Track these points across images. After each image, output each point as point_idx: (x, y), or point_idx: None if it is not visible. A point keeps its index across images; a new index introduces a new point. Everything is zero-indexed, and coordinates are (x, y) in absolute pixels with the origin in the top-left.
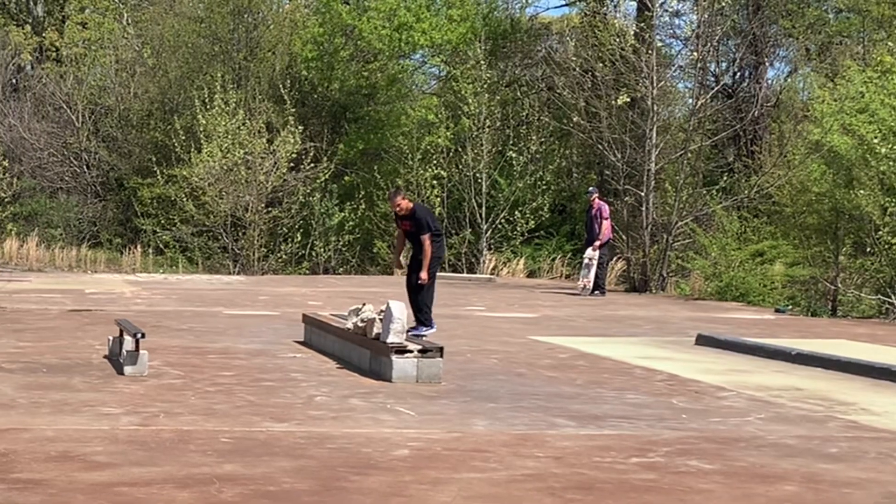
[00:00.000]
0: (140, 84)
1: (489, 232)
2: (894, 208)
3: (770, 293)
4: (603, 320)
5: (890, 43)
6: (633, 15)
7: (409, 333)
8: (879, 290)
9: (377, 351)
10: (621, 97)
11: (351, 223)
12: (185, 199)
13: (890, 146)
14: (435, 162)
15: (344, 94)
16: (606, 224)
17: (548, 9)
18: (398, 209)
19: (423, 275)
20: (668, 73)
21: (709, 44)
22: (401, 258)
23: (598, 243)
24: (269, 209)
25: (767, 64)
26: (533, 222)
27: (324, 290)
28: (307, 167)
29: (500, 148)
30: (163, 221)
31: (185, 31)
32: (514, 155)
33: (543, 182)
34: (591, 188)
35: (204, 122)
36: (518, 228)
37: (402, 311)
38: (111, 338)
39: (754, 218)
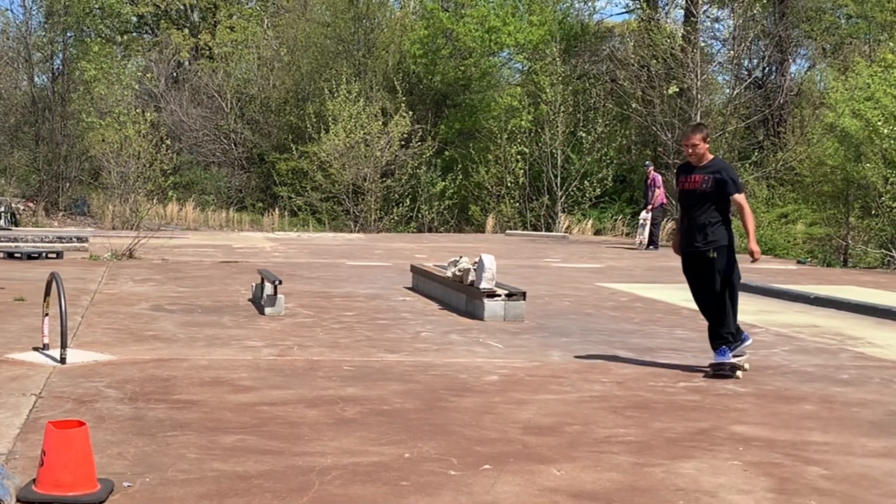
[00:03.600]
0: (278, 77)
1: (563, 198)
2: (895, 178)
3: (793, 248)
4: (656, 270)
5: (892, 43)
6: (680, 20)
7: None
8: (882, 245)
9: (472, 295)
10: (671, 87)
11: (450, 191)
12: (315, 171)
13: (891, 127)
14: (519, 140)
15: (444, 85)
16: (659, 191)
17: (611, 15)
18: (691, 152)
19: (754, 247)
20: (710, 68)
21: (743, 44)
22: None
23: (650, 206)
24: (384, 179)
25: (791, 60)
26: (599, 190)
27: (428, 245)
28: (415, 145)
29: (572, 129)
30: (296, 189)
31: (314, 34)
32: (583, 135)
33: (607, 157)
34: (646, 162)
35: (331, 107)
36: (587, 195)
37: (492, 263)
38: (254, 284)
39: (780, 186)
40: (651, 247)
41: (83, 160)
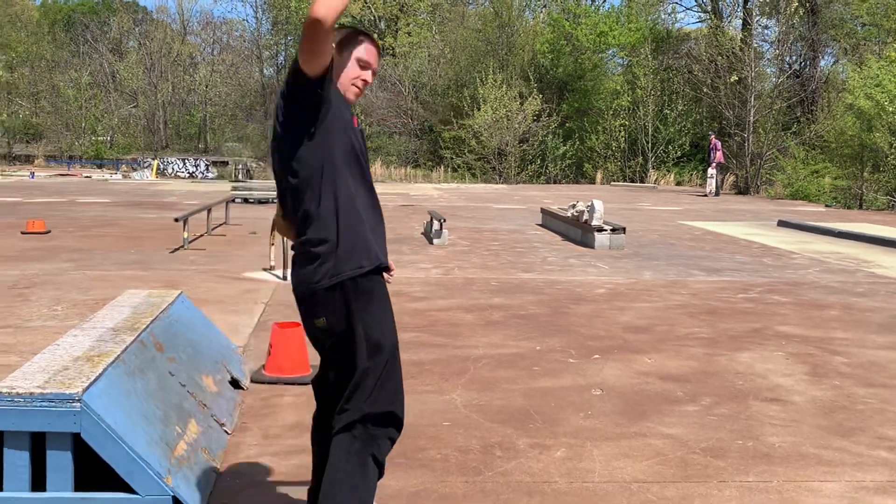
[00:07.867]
0: (442, 69)
1: (653, 158)
2: None
3: (822, 195)
4: (721, 211)
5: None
6: (739, 27)
7: None
8: (888, 193)
9: (585, 230)
10: (732, 77)
11: (570, 153)
12: (470, 138)
13: (895, 106)
14: (620, 116)
15: (565, 75)
16: (719, 153)
17: (688, 24)
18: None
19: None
20: (761, 63)
21: (785, 45)
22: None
23: (714, 164)
24: (521, 144)
25: (820, 57)
26: (679, 152)
27: (553, 193)
28: (543, 119)
29: (659, 108)
30: (456, 152)
31: (470, 37)
32: (668, 112)
33: (685, 129)
34: (710, 133)
35: (481, 92)
36: (670, 156)
37: (600, 206)
38: (425, 222)
39: (812, 150)
40: (716, 195)
41: None
